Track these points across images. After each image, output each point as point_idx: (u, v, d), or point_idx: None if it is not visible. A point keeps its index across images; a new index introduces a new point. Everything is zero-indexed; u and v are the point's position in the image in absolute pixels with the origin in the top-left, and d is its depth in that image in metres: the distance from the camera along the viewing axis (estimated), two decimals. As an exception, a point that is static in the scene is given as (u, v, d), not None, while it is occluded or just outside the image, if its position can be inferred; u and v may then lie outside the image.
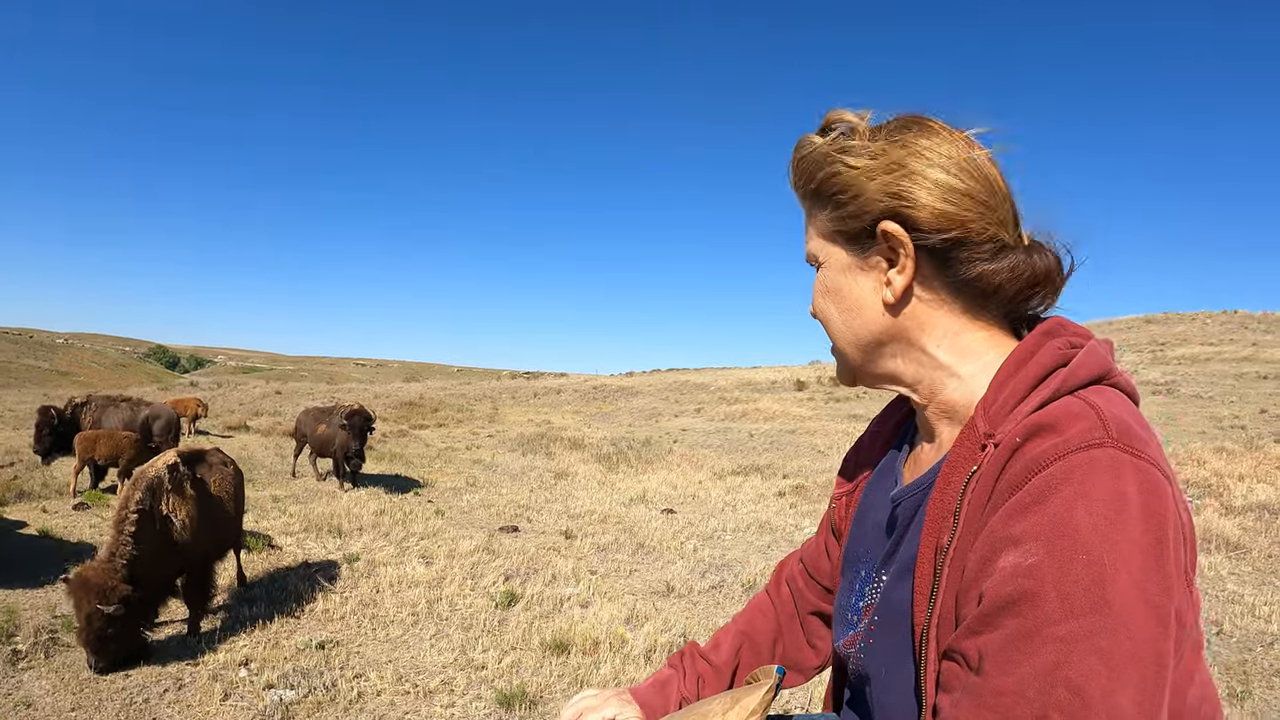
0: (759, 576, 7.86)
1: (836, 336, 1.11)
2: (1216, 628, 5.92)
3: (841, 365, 1.15)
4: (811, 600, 1.42)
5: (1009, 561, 0.79)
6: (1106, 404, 0.86)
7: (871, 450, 1.32)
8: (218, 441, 17.88)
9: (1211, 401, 21.12)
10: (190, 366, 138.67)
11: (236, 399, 33.98)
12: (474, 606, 6.67)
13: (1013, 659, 0.76)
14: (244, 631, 5.95)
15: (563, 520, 10.77)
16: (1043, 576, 0.76)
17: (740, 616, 1.50)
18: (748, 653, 1.43)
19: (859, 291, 1.07)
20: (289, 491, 11.90)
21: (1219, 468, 11.32)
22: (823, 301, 1.11)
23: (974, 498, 0.89)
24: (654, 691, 1.39)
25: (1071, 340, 0.97)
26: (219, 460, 6.61)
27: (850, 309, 1.08)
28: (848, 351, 1.11)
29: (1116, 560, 0.74)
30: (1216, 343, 35.55)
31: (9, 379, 63.58)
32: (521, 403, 33.86)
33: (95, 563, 5.22)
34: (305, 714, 4.75)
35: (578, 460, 16.98)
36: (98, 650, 5.02)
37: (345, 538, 8.97)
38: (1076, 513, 0.76)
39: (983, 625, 0.80)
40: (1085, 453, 0.80)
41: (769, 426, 22.00)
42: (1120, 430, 0.82)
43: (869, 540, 1.19)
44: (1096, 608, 0.73)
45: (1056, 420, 0.85)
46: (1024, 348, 0.98)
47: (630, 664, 5.48)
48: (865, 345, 1.09)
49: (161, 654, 5.50)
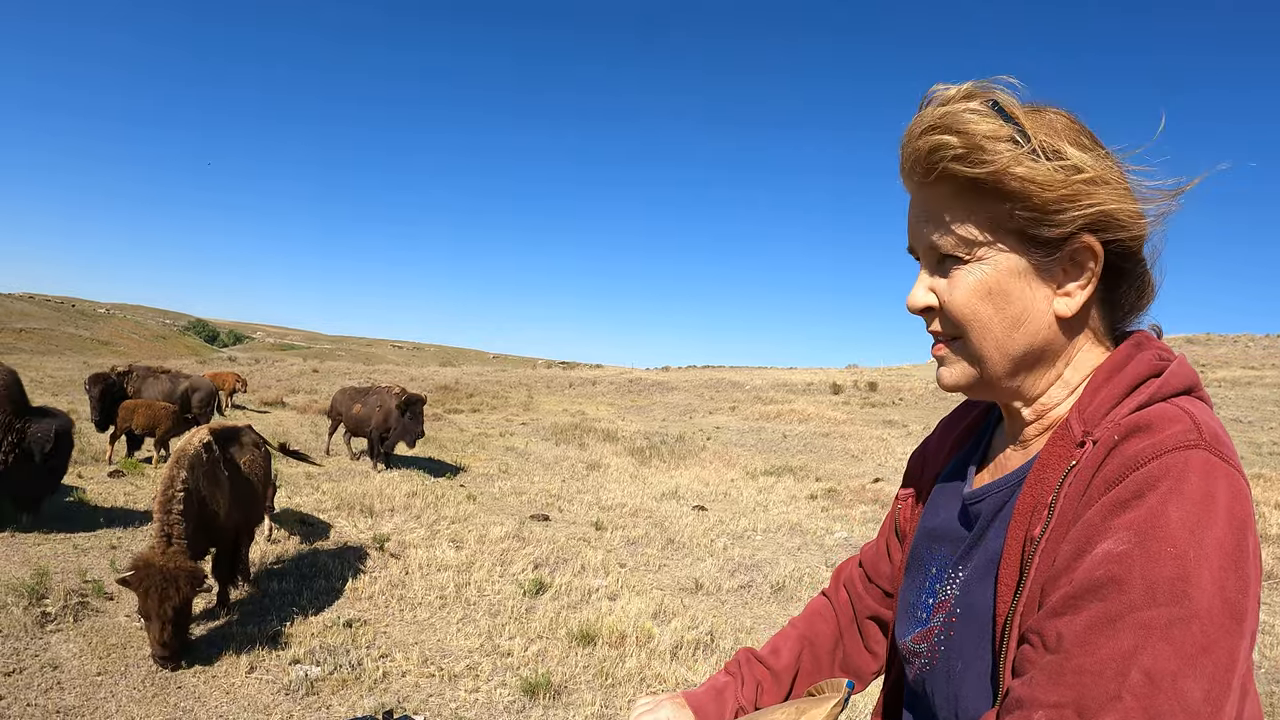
0: (788, 578, 7.79)
1: (987, 343, 1.00)
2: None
3: (971, 374, 1.04)
4: (870, 604, 1.39)
5: (1102, 550, 0.81)
6: (1199, 411, 0.88)
7: (939, 452, 1.29)
8: (254, 417, 18.12)
9: (1251, 427, 20.70)
10: (229, 341, 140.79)
11: (274, 375, 34.44)
12: (502, 593, 6.65)
13: (1094, 640, 0.78)
14: (272, 606, 5.98)
15: (594, 511, 10.75)
16: (1131, 564, 0.78)
17: (799, 621, 1.46)
18: (808, 659, 1.39)
19: (1031, 299, 0.98)
20: (322, 469, 11.98)
21: (1256, 495, 11.05)
22: (981, 303, 0.99)
23: (1070, 491, 0.91)
24: (710, 697, 1.35)
25: (1160, 353, 0.98)
26: (251, 440, 6.57)
27: (1016, 316, 0.98)
28: (995, 361, 1.01)
29: (1201, 557, 0.76)
30: (1259, 367, 34.87)
31: (50, 346, 64.76)
32: (556, 392, 33.99)
33: (155, 549, 4.92)
34: (330, 691, 4.75)
35: (610, 452, 16.97)
36: (179, 641, 4.84)
37: (376, 518, 9.01)
38: (1169, 509, 0.79)
39: (1066, 607, 0.82)
40: (1181, 453, 0.82)
41: (803, 428, 21.87)
42: (1212, 436, 0.84)
43: (941, 539, 1.16)
44: (1178, 599, 0.75)
45: (1154, 422, 0.87)
46: (1117, 357, 1.00)
47: (656, 659, 5.42)
48: (1019, 356, 1.00)
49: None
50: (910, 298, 1.05)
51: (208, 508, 5.45)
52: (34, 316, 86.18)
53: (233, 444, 6.18)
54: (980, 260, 0.98)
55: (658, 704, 1.33)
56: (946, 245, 0.99)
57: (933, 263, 1.03)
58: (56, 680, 4.58)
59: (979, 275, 0.98)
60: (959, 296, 0.99)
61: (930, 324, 1.05)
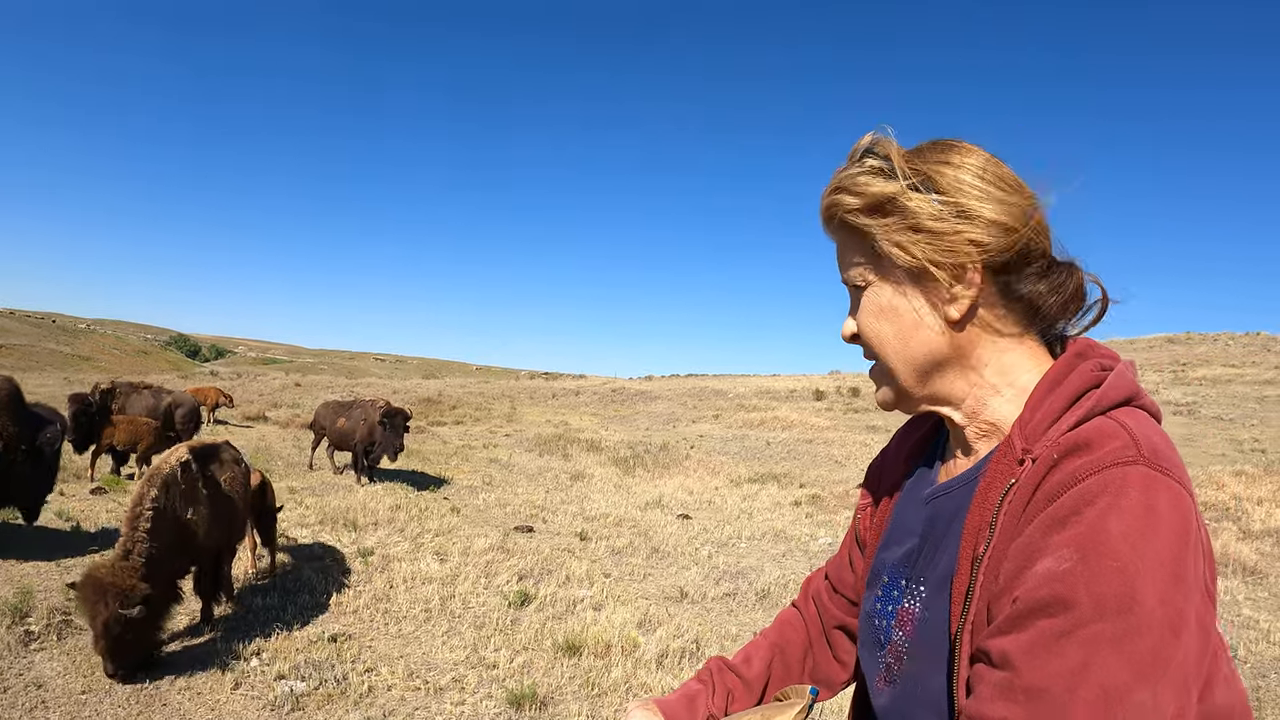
0: (773, 585, 7.82)
1: (892, 358, 1.09)
2: (1230, 653, 5.84)
3: (889, 390, 1.12)
4: (836, 614, 1.42)
5: (1043, 567, 0.83)
6: (1137, 424, 0.91)
7: (897, 462, 1.32)
8: (236, 432, 18.02)
9: (1233, 424, 20.87)
10: (211, 356, 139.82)
11: (256, 390, 34.25)
12: (487, 605, 6.66)
13: (1042, 657, 0.79)
14: (256, 622, 5.96)
15: (578, 522, 10.77)
16: (1075, 581, 0.79)
17: (770, 631, 1.48)
18: (779, 667, 1.41)
19: (920, 309, 1.05)
20: (306, 484, 11.95)
21: (1238, 491, 11.18)
22: (875, 322, 1.09)
23: (1010, 509, 0.93)
24: (681, 704, 1.36)
25: (1101, 362, 1.01)
26: (231, 457, 6.39)
27: (909, 328, 1.06)
28: (902, 374, 1.09)
29: (1144, 569, 0.78)
30: (1239, 364, 35.09)
31: (30, 362, 64.07)
32: (540, 403, 33.92)
33: (107, 561, 4.97)
34: (315, 706, 4.75)
35: (594, 462, 16.98)
36: (117, 656, 4.79)
37: (360, 532, 8.99)
38: (1109, 523, 0.80)
39: (1013, 626, 0.83)
40: (1119, 469, 0.84)
41: (787, 435, 21.92)
42: (1151, 450, 0.86)
43: (899, 551, 1.18)
44: (1124, 611, 0.77)
45: (1091, 439, 0.89)
46: (1057, 369, 1.02)
47: (642, 668, 5.44)
48: (922, 366, 1.07)
49: (173, 640, 5.53)
50: (842, 330, 1.15)
51: (186, 527, 5.36)
52: (14, 332, 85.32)
53: (212, 461, 6.05)
54: (870, 285, 1.09)
55: (628, 713, 1.33)
56: (856, 279, 1.10)
57: (854, 295, 1.13)
58: (41, 699, 4.57)
59: (870, 297, 1.09)
60: (863, 319, 1.10)
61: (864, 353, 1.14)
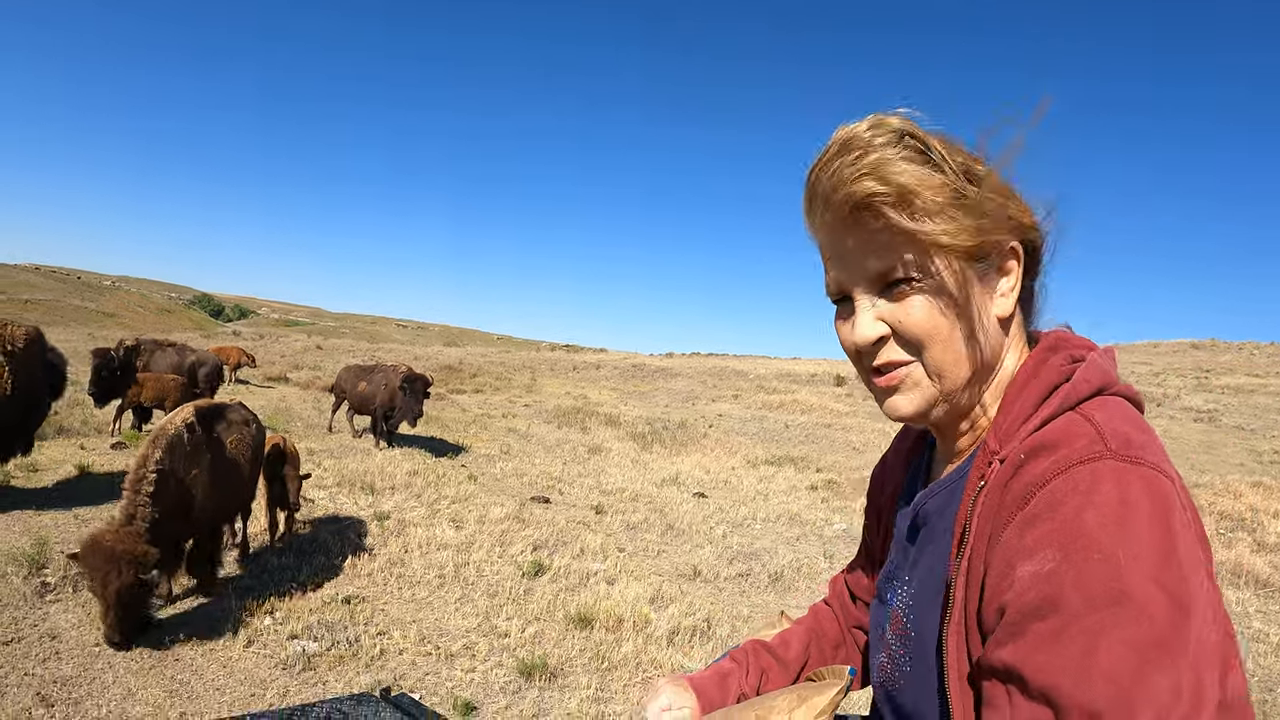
0: (786, 568, 7.79)
1: (949, 357, 0.97)
2: (1237, 642, 5.78)
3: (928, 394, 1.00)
4: (855, 615, 1.45)
5: (1026, 570, 0.81)
6: (1106, 418, 0.88)
7: (895, 468, 1.32)
8: (257, 392, 18.13)
9: (1253, 435, 20.56)
10: (234, 316, 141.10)
11: (278, 351, 34.46)
12: (501, 574, 6.66)
13: (1046, 659, 0.77)
14: (271, 581, 6.00)
15: (594, 495, 10.77)
16: (1061, 580, 0.77)
17: (806, 618, 1.50)
18: (815, 652, 1.42)
19: (980, 306, 0.98)
20: (324, 446, 12.00)
21: (1255, 502, 10.97)
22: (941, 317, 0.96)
23: (983, 511, 0.91)
24: (713, 682, 1.35)
25: (1073, 354, 0.99)
26: (240, 418, 6.19)
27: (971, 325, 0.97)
28: (955, 374, 0.98)
29: (1129, 555, 0.75)
30: (1263, 375, 34.63)
31: (55, 318, 64.85)
32: (560, 375, 33.99)
33: (110, 527, 4.79)
34: (327, 667, 4.76)
35: (612, 437, 16.98)
36: (124, 625, 4.65)
37: (377, 495, 9.02)
38: (1085, 518, 0.78)
39: (1009, 636, 0.81)
40: (1086, 466, 0.82)
41: (805, 419, 21.84)
42: (1119, 441, 0.84)
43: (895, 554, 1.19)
44: (1117, 600, 0.74)
45: (1057, 439, 0.87)
46: (1028, 366, 1.00)
47: (653, 644, 5.43)
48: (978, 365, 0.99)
49: (187, 597, 5.56)
50: (859, 332, 1.00)
51: (188, 491, 5.24)
52: (40, 288, 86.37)
53: (219, 422, 5.85)
54: (932, 276, 0.95)
55: (658, 688, 1.32)
56: (898, 270, 0.96)
57: (876, 291, 0.99)
58: (55, 650, 4.60)
59: (934, 290, 0.96)
60: (918, 314, 0.96)
61: (877, 357, 1.00)
